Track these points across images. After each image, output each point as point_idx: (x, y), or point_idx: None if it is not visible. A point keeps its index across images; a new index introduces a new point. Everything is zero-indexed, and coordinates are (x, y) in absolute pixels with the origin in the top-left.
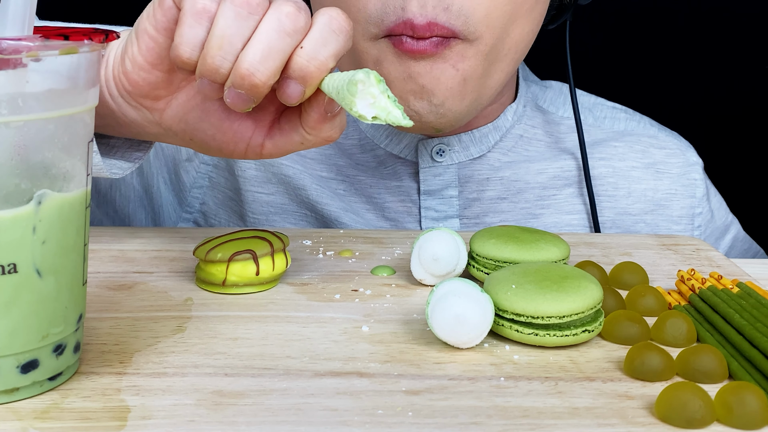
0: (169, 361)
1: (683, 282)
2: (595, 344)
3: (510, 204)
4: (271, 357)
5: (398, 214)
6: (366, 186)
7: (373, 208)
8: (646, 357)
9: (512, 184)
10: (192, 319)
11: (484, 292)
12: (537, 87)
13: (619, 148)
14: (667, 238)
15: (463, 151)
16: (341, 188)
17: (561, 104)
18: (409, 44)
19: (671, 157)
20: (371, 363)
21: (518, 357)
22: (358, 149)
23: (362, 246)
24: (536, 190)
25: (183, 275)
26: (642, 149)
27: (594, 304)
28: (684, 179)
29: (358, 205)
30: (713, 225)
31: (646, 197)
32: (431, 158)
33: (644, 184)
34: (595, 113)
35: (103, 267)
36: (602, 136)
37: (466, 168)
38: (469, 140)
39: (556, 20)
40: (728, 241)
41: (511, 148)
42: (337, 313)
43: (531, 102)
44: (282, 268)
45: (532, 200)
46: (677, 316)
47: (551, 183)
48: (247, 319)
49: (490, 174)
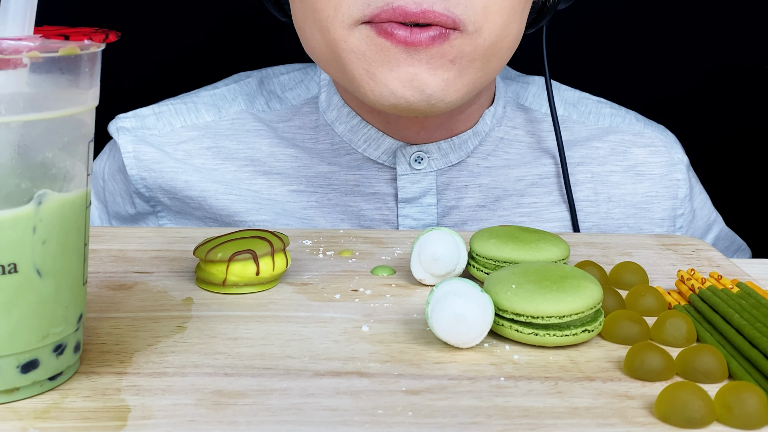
0: (169, 361)
1: (683, 282)
2: (595, 344)
3: (489, 212)
4: (271, 357)
5: (374, 222)
6: (340, 194)
7: (348, 217)
8: (646, 357)
9: (490, 191)
10: (192, 319)
11: (484, 292)
12: (517, 85)
13: (600, 150)
14: (667, 238)
15: (442, 158)
16: (313, 200)
17: (544, 101)
18: (401, 36)
19: (655, 156)
20: (371, 363)
21: (518, 357)
22: (331, 153)
23: (362, 246)
24: (514, 197)
25: (183, 275)
26: (624, 150)
27: (594, 304)
28: (666, 180)
29: (332, 216)
30: (695, 226)
31: (626, 201)
32: (409, 165)
33: (623, 189)
34: (579, 108)
35: (103, 267)
36: (586, 134)
37: (444, 175)
38: (449, 147)
39: (535, 24)
40: (710, 241)
41: (491, 152)
42: (337, 313)
43: (511, 101)
44: (282, 268)
45: (510, 208)
46: (677, 316)
47: (530, 190)
48: (247, 319)
49: (469, 181)
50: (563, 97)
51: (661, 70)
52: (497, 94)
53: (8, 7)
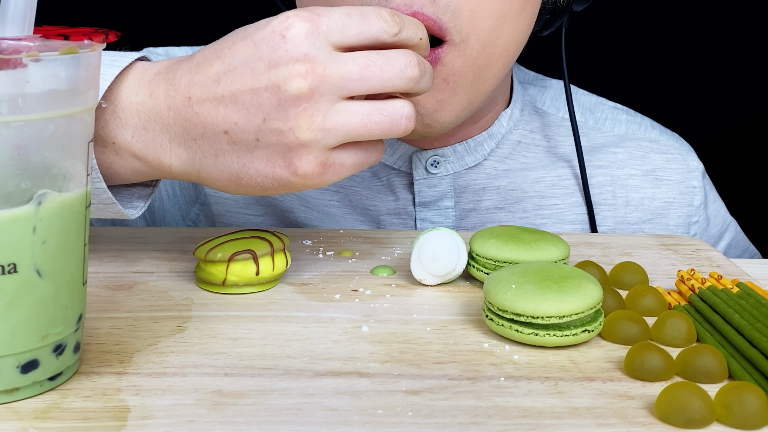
0: (169, 361)
1: (683, 282)
2: (595, 344)
3: (508, 214)
4: (271, 357)
5: (394, 227)
6: (362, 198)
7: (368, 220)
8: (646, 357)
9: (509, 193)
10: (192, 319)
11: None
12: (535, 89)
13: (619, 155)
14: (667, 238)
15: (458, 161)
16: (334, 200)
17: (562, 104)
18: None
19: (671, 163)
20: (371, 363)
21: (518, 357)
22: None
23: (362, 246)
24: (534, 199)
25: (183, 275)
26: (642, 155)
27: (594, 304)
28: (682, 186)
29: (352, 217)
30: (708, 233)
31: (644, 206)
32: (426, 170)
33: (642, 193)
34: (596, 114)
35: (103, 267)
36: (602, 141)
37: (461, 178)
38: (464, 150)
39: (549, 26)
40: (722, 248)
41: (508, 155)
42: (337, 313)
43: (528, 105)
44: (282, 268)
45: (530, 209)
46: (677, 316)
47: (550, 192)
48: (247, 319)
49: (487, 183)
50: (580, 101)
51: (679, 75)
52: (514, 96)
53: (8, 7)
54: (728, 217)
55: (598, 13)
